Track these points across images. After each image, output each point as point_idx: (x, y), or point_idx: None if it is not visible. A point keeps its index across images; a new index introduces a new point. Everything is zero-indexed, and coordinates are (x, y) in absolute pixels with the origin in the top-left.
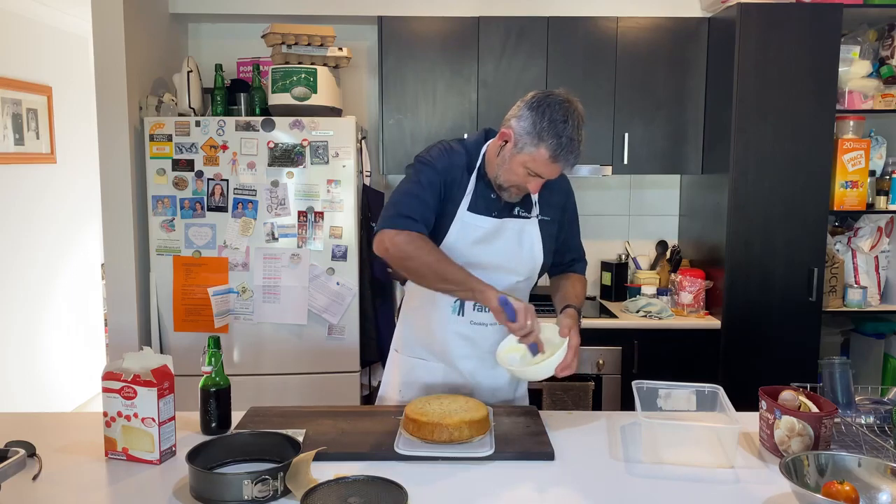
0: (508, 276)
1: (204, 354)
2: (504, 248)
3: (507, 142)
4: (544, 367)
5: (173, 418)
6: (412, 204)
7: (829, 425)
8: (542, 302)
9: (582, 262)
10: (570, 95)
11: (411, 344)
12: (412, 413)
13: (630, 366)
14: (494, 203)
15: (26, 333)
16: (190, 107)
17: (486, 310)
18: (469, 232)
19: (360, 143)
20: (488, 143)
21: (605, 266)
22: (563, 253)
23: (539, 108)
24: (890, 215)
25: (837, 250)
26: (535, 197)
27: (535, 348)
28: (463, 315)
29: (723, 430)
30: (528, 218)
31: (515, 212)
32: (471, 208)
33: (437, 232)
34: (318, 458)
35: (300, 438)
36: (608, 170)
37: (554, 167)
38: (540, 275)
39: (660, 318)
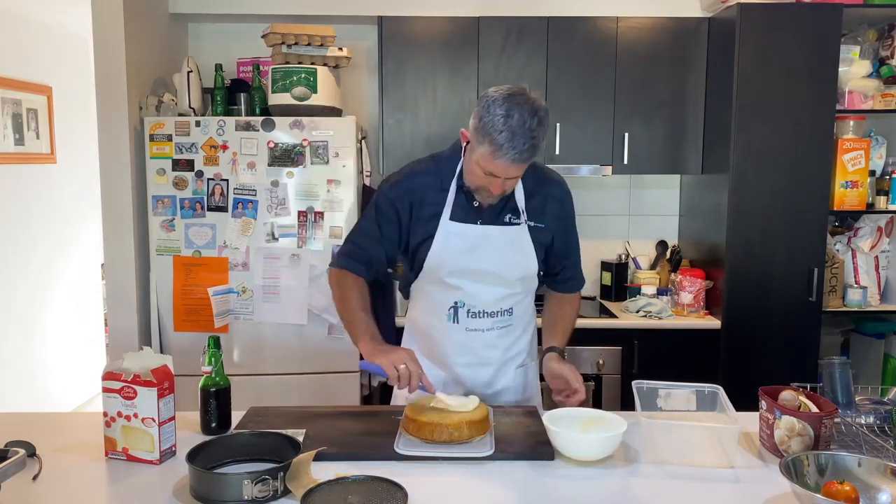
0: (498, 287)
1: (204, 354)
2: (492, 256)
3: (467, 142)
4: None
5: (173, 418)
6: (355, 242)
7: (829, 425)
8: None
9: (578, 279)
10: (522, 89)
11: (415, 351)
12: (412, 413)
13: (630, 366)
14: (478, 211)
15: (26, 333)
16: (190, 107)
17: (481, 315)
18: (453, 241)
19: (360, 143)
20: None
21: (605, 266)
22: (559, 266)
23: (484, 104)
24: (890, 215)
25: (837, 250)
26: (522, 203)
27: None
28: (458, 322)
29: (723, 430)
30: (518, 224)
31: (506, 219)
32: (452, 217)
33: (419, 250)
34: (318, 458)
35: (300, 438)
36: (608, 170)
37: (499, 164)
38: (540, 284)
39: (660, 318)
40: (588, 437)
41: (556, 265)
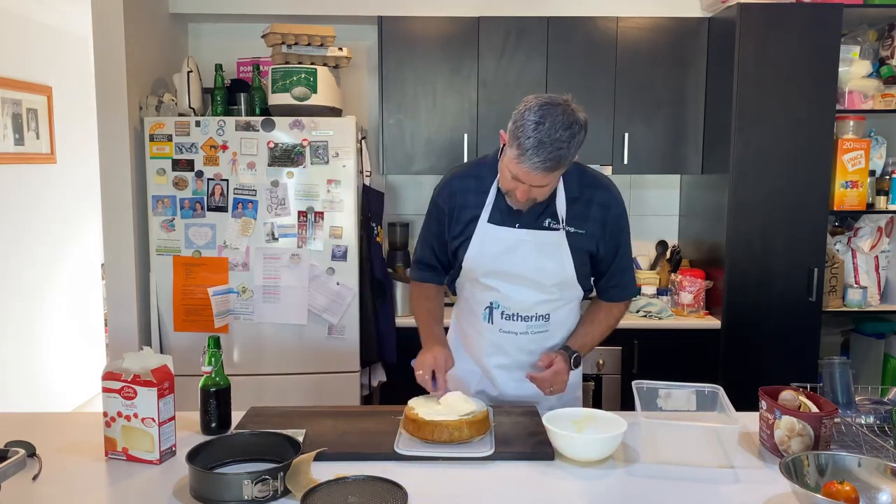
0: (533, 291)
1: (204, 354)
2: (527, 261)
3: (504, 145)
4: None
5: (173, 418)
6: (419, 251)
7: (829, 425)
8: None
9: (624, 288)
10: (565, 99)
11: (458, 346)
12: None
13: (630, 366)
14: (516, 214)
15: (26, 333)
16: (190, 107)
17: (515, 318)
18: (489, 244)
19: (360, 143)
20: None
21: None
22: (603, 273)
23: (520, 110)
24: (890, 215)
25: (837, 250)
26: (563, 209)
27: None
28: (492, 323)
29: (723, 430)
30: (557, 230)
31: (545, 223)
32: (490, 220)
33: (458, 250)
34: (318, 458)
35: (300, 438)
36: (608, 170)
37: (522, 169)
38: (586, 291)
39: (660, 318)
40: (587, 438)
41: (600, 273)
